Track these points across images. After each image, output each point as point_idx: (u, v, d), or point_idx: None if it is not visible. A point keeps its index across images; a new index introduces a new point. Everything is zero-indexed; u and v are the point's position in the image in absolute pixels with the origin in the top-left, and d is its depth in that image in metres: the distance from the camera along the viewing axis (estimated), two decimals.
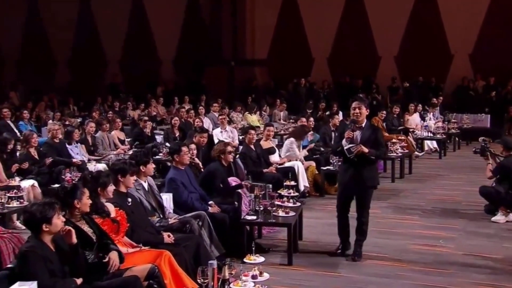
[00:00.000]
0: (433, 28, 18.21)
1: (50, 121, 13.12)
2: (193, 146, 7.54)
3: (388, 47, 18.91)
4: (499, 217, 7.55)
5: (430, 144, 13.40)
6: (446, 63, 18.45)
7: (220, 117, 11.77)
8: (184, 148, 6.72)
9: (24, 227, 7.92)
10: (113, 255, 4.53)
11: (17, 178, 8.15)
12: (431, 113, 14.57)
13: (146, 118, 12.18)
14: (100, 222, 4.95)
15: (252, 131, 9.04)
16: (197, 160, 7.62)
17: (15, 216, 7.70)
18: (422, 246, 6.65)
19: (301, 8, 19.96)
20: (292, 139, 9.85)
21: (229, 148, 7.58)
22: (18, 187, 7.51)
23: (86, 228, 4.71)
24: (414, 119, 13.78)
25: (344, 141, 6.08)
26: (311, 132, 10.70)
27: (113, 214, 5.19)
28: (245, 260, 4.52)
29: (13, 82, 20.03)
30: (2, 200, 6.99)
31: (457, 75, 18.05)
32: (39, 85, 19.77)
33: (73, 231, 4.31)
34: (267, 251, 6.51)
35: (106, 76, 21.70)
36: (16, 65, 22.37)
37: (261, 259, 4.43)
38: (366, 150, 6.02)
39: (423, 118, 14.10)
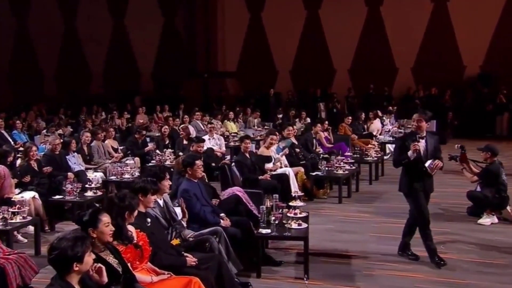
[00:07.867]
0: (381, 45, 17.96)
1: (45, 133, 11.70)
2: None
3: (343, 61, 18.45)
4: (485, 220, 6.82)
5: (391, 147, 12.69)
6: (392, 75, 18.07)
7: (209, 125, 10.66)
8: (198, 162, 5.60)
9: (26, 240, 6.70)
10: None
11: (17, 190, 6.90)
12: (388, 119, 13.93)
13: (143, 131, 10.86)
14: (123, 249, 3.83)
15: (248, 140, 8.01)
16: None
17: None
18: (426, 253, 5.75)
19: (266, 26, 19.27)
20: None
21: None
22: (22, 202, 6.18)
23: (111, 259, 3.58)
24: (375, 125, 13.10)
25: (410, 152, 5.32)
26: (282, 140, 9.47)
27: (134, 237, 4.08)
28: None
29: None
30: (5, 216, 5.70)
31: (402, 85, 17.74)
32: (28, 97, 18.14)
33: (103, 268, 3.19)
34: (279, 264, 5.53)
35: (91, 88, 20.34)
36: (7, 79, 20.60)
37: None
38: (441, 164, 5.37)
39: (382, 124, 13.42)
